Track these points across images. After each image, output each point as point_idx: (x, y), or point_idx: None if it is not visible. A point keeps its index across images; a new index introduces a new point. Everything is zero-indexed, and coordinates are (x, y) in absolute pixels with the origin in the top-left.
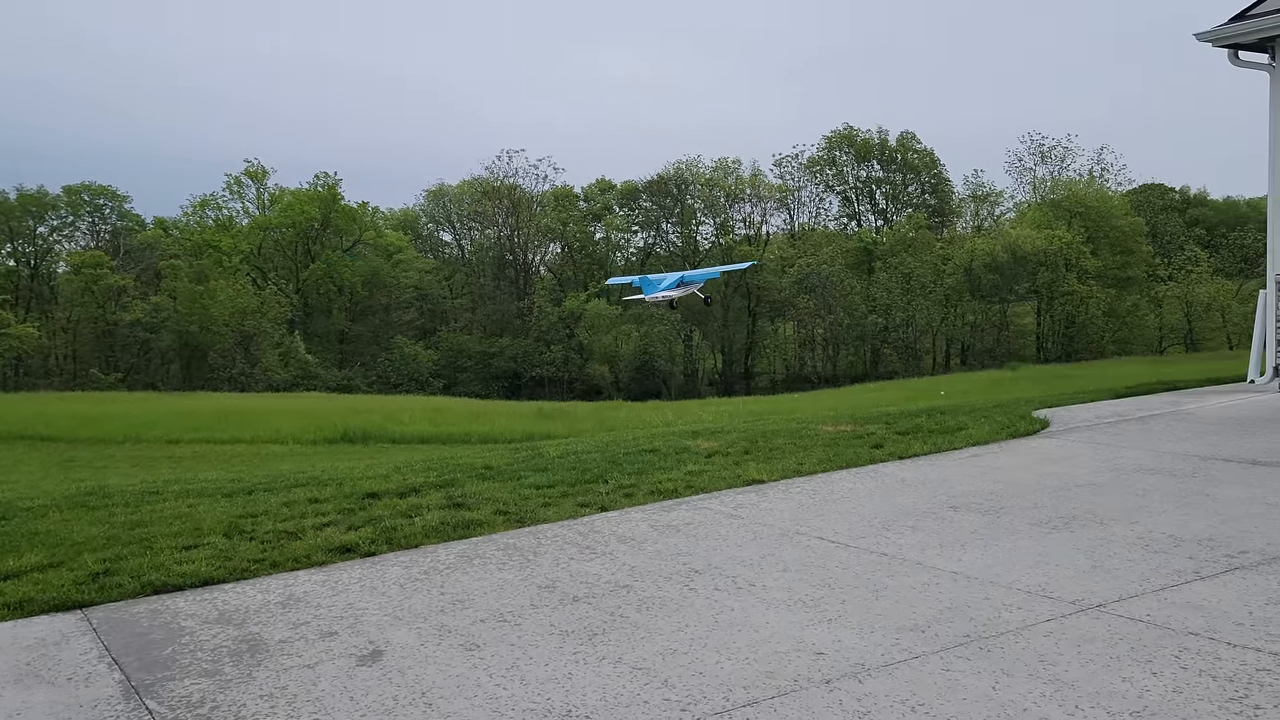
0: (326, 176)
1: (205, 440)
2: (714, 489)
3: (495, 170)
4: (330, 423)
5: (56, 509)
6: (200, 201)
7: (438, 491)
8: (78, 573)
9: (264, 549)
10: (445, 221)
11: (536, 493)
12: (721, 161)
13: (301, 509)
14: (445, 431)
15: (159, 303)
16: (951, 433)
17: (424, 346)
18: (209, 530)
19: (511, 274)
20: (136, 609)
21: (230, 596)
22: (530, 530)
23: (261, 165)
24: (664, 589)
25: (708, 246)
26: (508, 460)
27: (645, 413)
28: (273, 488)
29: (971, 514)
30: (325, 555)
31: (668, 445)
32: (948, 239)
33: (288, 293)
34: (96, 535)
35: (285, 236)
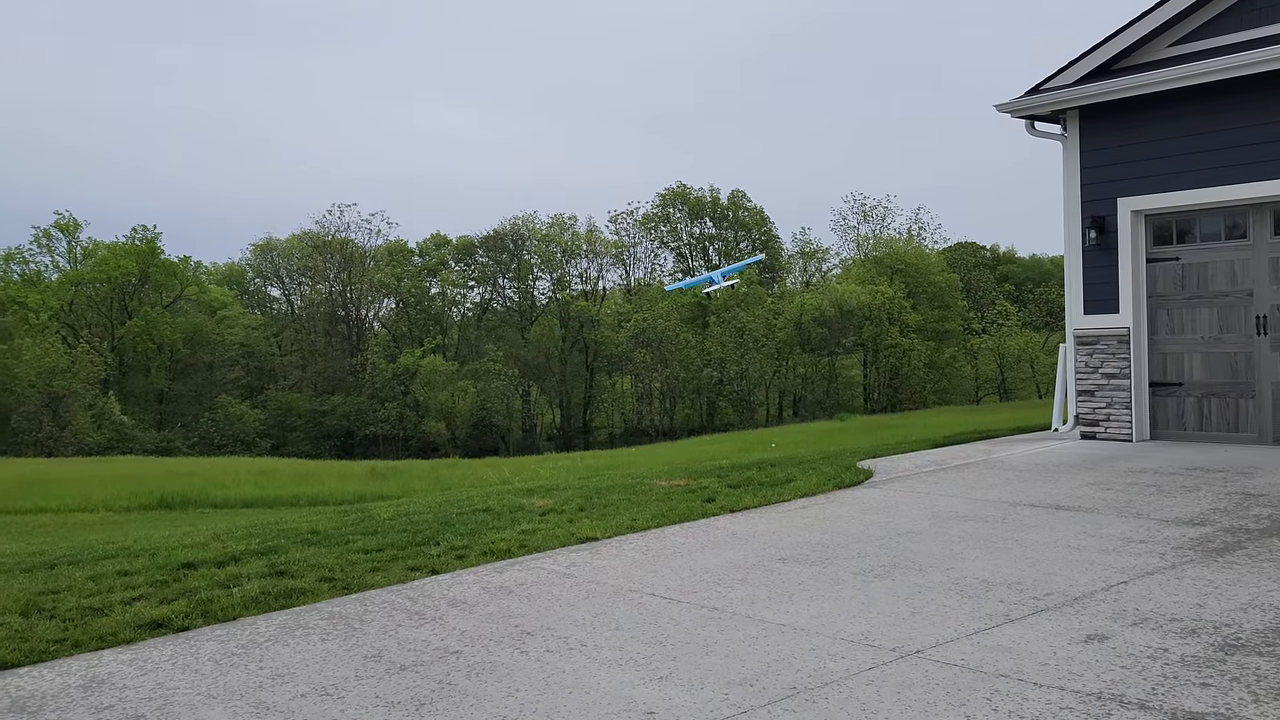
0: (145, 230)
1: (5, 511)
2: (548, 548)
3: (326, 224)
4: (146, 488)
5: None
6: (4, 255)
7: (259, 559)
8: None
9: (66, 628)
10: (274, 277)
11: (365, 557)
12: (558, 218)
13: (109, 583)
14: (272, 495)
15: None
16: (781, 485)
17: (250, 406)
18: (4, 609)
19: (344, 330)
20: None
21: (25, 682)
22: (357, 597)
23: (73, 218)
24: (495, 653)
25: (545, 301)
26: (336, 524)
27: (482, 470)
28: (78, 560)
29: (799, 565)
30: (134, 632)
31: (502, 504)
32: (778, 294)
33: (102, 351)
34: None
35: (99, 292)
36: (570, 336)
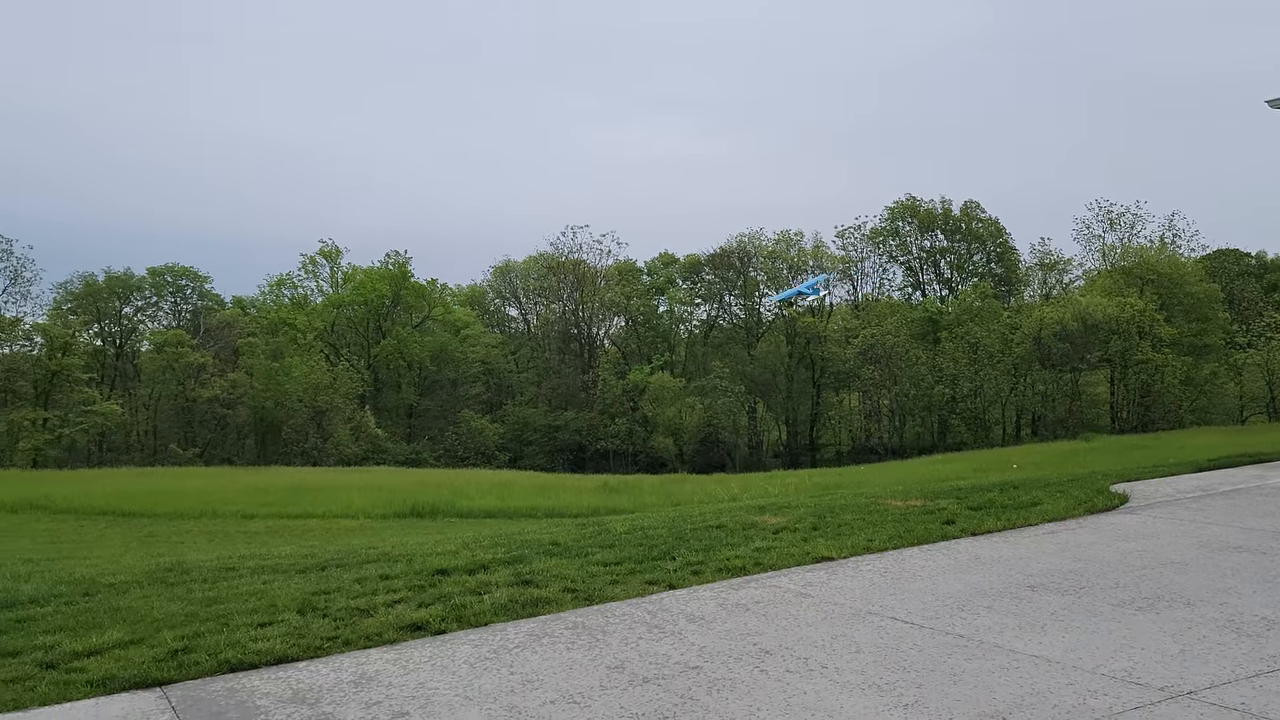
0: (397, 255)
1: (279, 515)
2: (783, 566)
3: (560, 246)
4: (399, 497)
5: (138, 585)
6: (276, 281)
7: (506, 568)
8: (157, 650)
9: (337, 626)
10: (511, 297)
11: (604, 570)
12: (784, 234)
13: (373, 585)
14: (511, 506)
15: (236, 379)
16: (1026, 508)
17: (490, 420)
18: (283, 607)
19: (576, 348)
20: (214, 687)
21: (304, 675)
22: (598, 608)
23: (335, 245)
24: (734, 670)
25: (771, 317)
26: (574, 536)
27: (710, 486)
28: (345, 564)
29: (1050, 594)
30: (396, 633)
31: (734, 521)
32: (1015, 308)
33: (359, 368)
34: (175, 612)
35: (357, 314)
36: (796, 353)
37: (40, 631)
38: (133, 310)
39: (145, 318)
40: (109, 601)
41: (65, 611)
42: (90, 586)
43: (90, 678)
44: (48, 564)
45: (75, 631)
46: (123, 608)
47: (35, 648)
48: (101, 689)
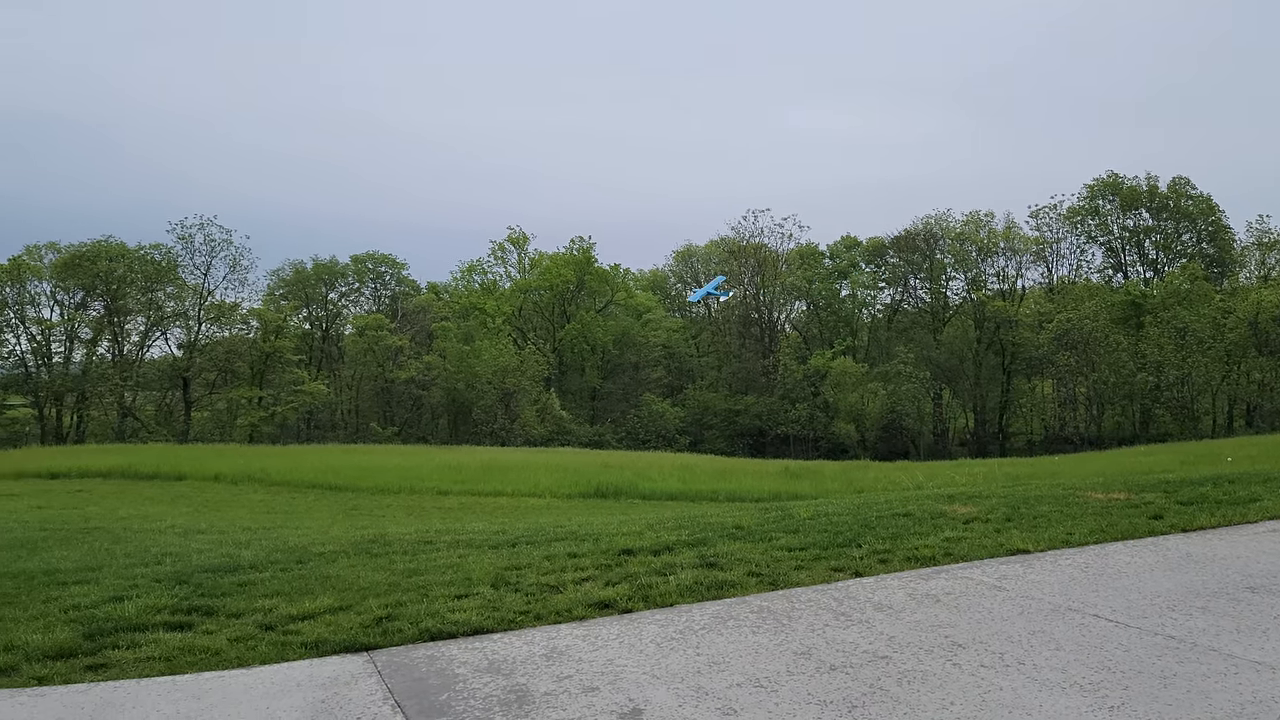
0: (581, 240)
1: (471, 492)
2: (974, 557)
3: (741, 230)
4: (584, 478)
5: (345, 555)
6: (468, 267)
7: (690, 550)
8: (364, 617)
9: (528, 601)
10: (692, 281)
11: (788, 555)
12: (973, 214)
13: (561, 563)
14: (693, 489)
15: (430, 361)
16: (1244, 504)
17: (671, 404)
18: (478, 580)
19: (756, 332)
20: (415, 654)
21: (498, 646)
22: (783, 593)
23: (523, 232)
24: (925, 662)
25: (958, 301)
26: (758, 520)
27: (894, 473)
28: (534, 541)
29: (1273, 596)
30: (585, 610)
31: (922, 509)
32: (1229, 290)
33: (545, 352)
34: (379, 581)
35: (543, 298)
36: (985, 338)
37: (259, 595)
38: (337, 295)
39: (348, 302)
40: (319, 569)
41: (281, 577)
42: (303, 555)
43: (304, 640)
44: (264, 532)
45: (290, 596)
46: (332, 576)
47: (255, 610)
48: (314, 651)
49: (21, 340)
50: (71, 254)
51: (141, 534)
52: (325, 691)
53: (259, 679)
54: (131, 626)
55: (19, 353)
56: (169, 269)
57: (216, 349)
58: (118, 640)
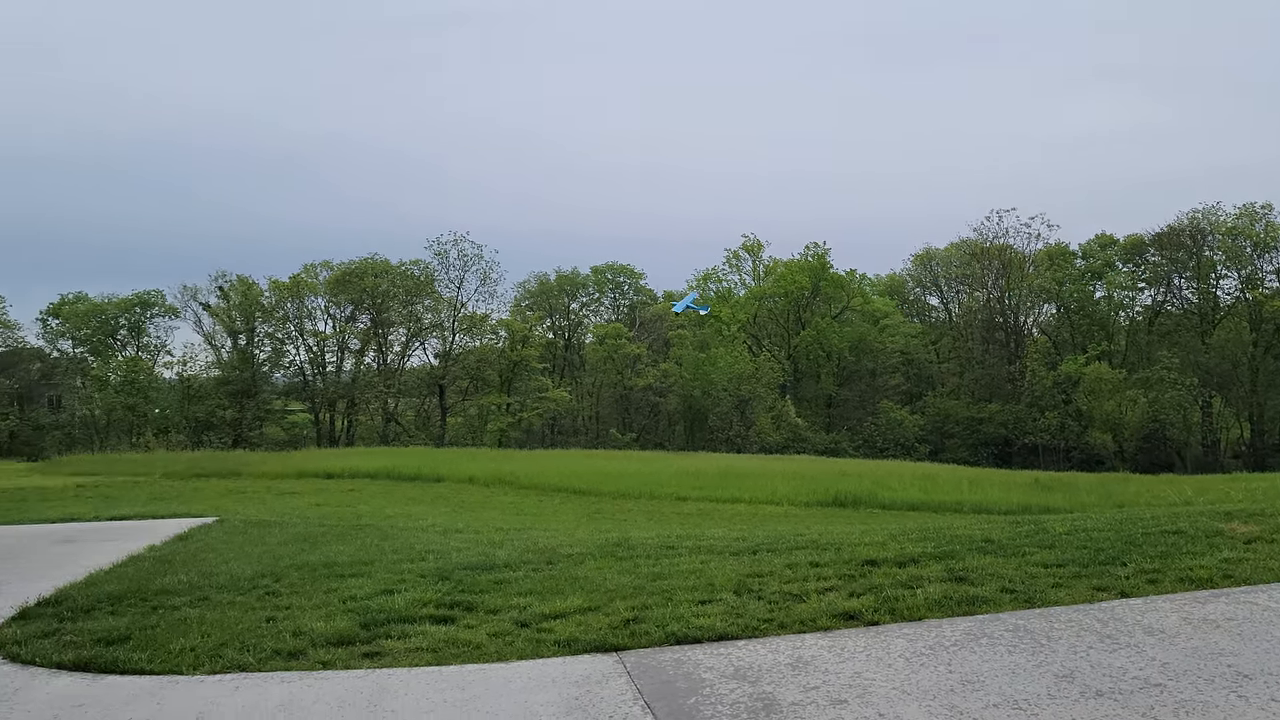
0: (816, 246)
1: (709, 498)
2: (1259, 581)
3: (984, 231)
4: (821, 486)
5: (591, 557)
6: (703, 275)
7: (937, 563)
8: (612, 618)
9: (772, 609)
10: (932, 285)
11: (1044, 571)
12: (1246, 208)
13: (803, 572)
14: (935, 499)
15: (667, 369)
16: None
17: (909, 411)
18: (720, 587)
19: (1001, 337)
20: (662, 657)
21: (743, 653)
22: (1040, 612)
23: (757, 239)
24: (1205, 692)
25: (1230, 302)
26: (1009, 534)
27: (1157, 487)
28: (775, 549)
29: None
30: (829, 620)
31: (1194, 527)
32: None
33: (780, 359)
34: (625, 584)
35: (778, 305)
36: (1263, 341)
37: (514, 593)
38: (579, 305)
39: (589, 312)
40: (568, 570)
41: (533, 577)
42: (552, 556)
43: (557, 638)
44: (515, 533)
45: (542, 595)
46: (580, 577)
47: (511, 607)
48: (567, 649)
49: (300, 351)
50: (342, 271)
51: (406, 532)
52: (578, 689)
53: (517, 673)
54: (401, 618)
55: (298, 363)
56: (427, 283)
57: (469, 358)
58: (389, 631)
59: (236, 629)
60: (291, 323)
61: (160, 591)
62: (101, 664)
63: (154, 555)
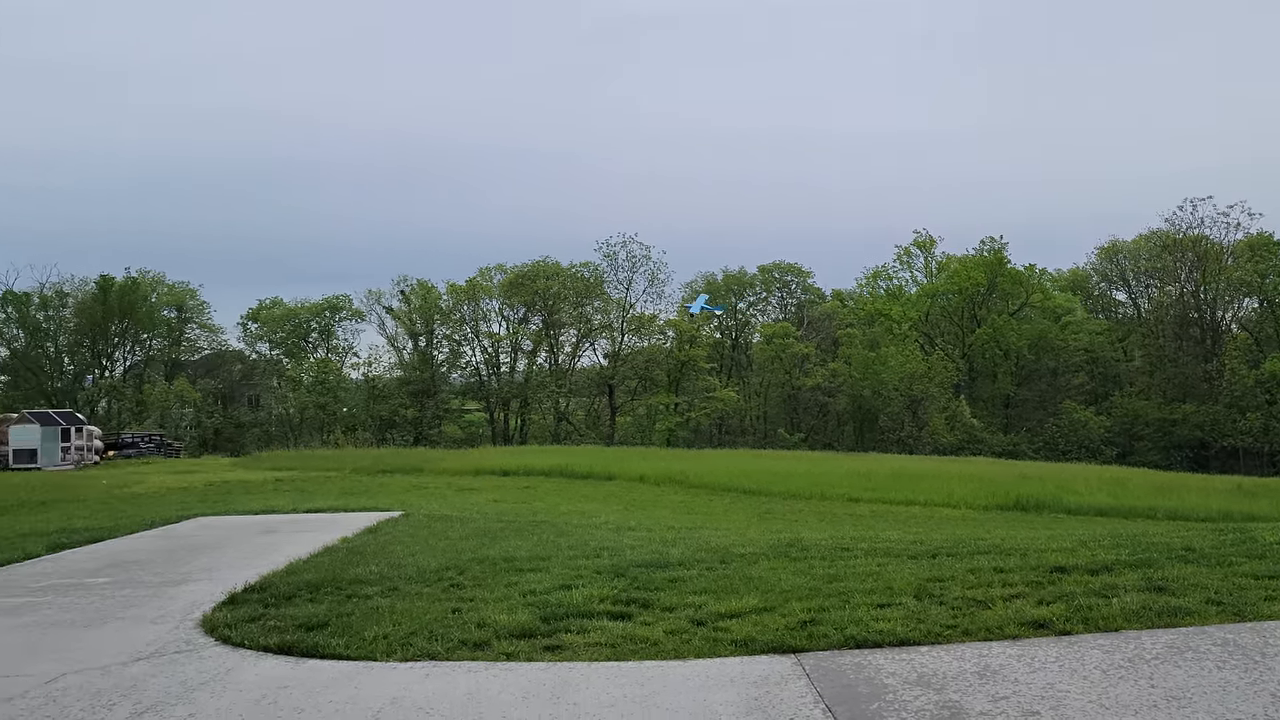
0: (993, 241)
1: (881, 500)
2: None
3: (1176, 222)
4: (1000, 489)
5: (764, 557)
6: (873, 273)
7: (1133, 571)
8: (788, 619)
9: (954, 615)
10: (1119, 280)
11: (1254, 583)
12: None
13: (987, 577)
14: (1126, 504)
15: (836, 369)
16: None
17: (1094, 412)
18: (899, 590)
19: (1196, 333)
20: (842, 660)
21: (926, 659)
22: (1252, 626)
23: (929, 235)
24: None
25: None
26: (1212, 543)
27: None
28: (955, 553)
29: None
30: (1017, 628)
31: None
32: None
33: (954, 357)
34: (800, 585)
35: (951, 303)
36: None
37: (689, 592)
38: (746, 305)
39: (756, 311)
40: (742, 570)
41: (707, 576)
42: (725, 555)
43: (733, 637)
44: (687, 532)
45: (717, 594)
46: (754, 577)
47: (686, 605)
48: (744, 649)
49: (476, 352)
50: (515, 274)
51: (580, 528)
52: (757, 689)
53: (694, 671)
54: (579, 613)
55: (474, 363)
56: (596, 284)
57: (637, 358)
58: (568, 625)
59: (424, 619)
60: (468, 324)
61: (353, 581)
62: (302, 648)
63: (346, 547)
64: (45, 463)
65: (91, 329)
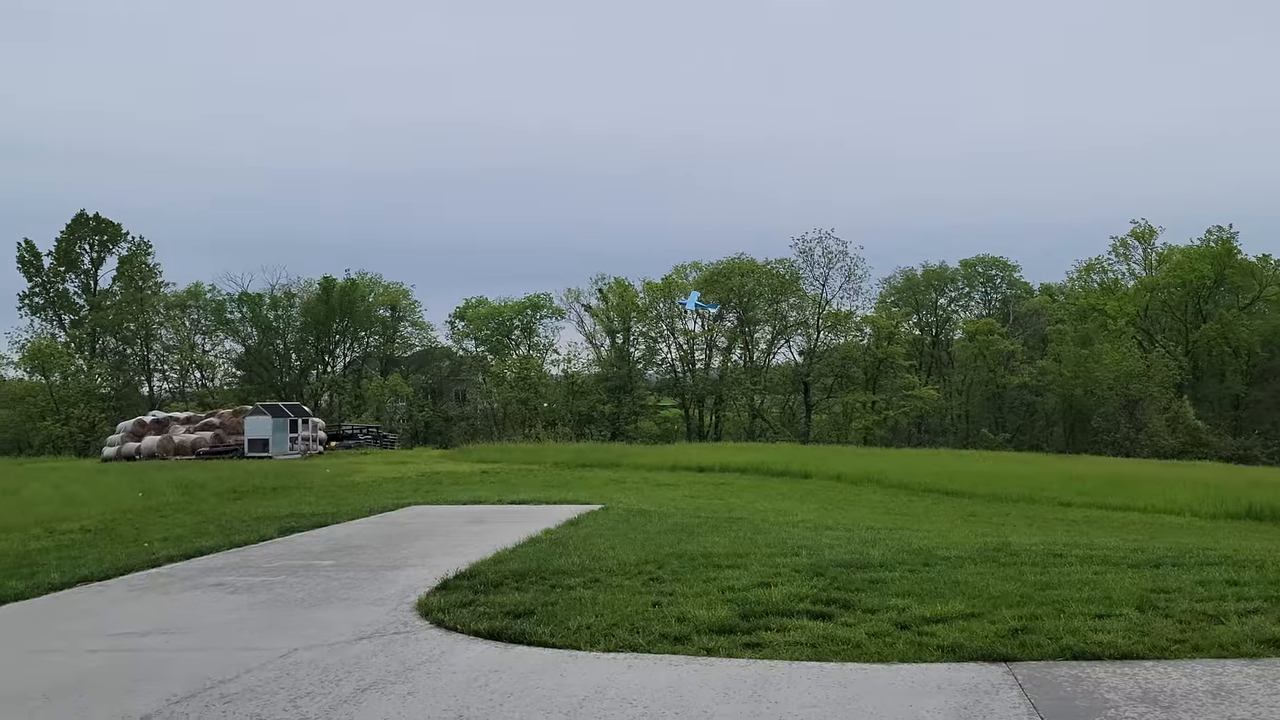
0: (1220, 231)
1: (1095, 505)
2: None
3: None
4: (1230, 495)
5: (970, 561)
6: (1085, 266)
7: None
8: (998, 626)
9: (1182, 629)
10: None
11: None
12: None
13: (1219, 590)
14: None
15: (1044, 366)
16: None
17: None
18: (1119, 600)
19: None
20: (1057, 672)
21: (1151, 675)
22: None
23: (1148, 225)
24: None
25: None
26: None
27: None
28: (1181, 563)
29: None
30: (1255, 647)
31: None
32: None
33: (1176, 355)
34: (1009, 591)
35: (1173, 296)
36: None
37: (891, 594)
38: (947, 301)
39: (958, 307)
40: (946, 574)
41: (909, 578)
42: (927, 557)
43: (939, 643)
44: (887, 532)
45: (920, 597)
46: (959, 581)
47: (889, 608)
48: (951, 655)
49: (672, 349)
50: (710, 271)
51: (777, 526)
52: (966, 698)
53: (899, 676)
54: (778, 611)
55: (670, 360)
56: (792, 281)
57: (833, 355)
58: (768, 623)
59: (625, 611)
60: (663, 322)
61: (557, 571)
62: (510, 635)
63: (549, 538)
64: (275, 451)
65: (315, 327)
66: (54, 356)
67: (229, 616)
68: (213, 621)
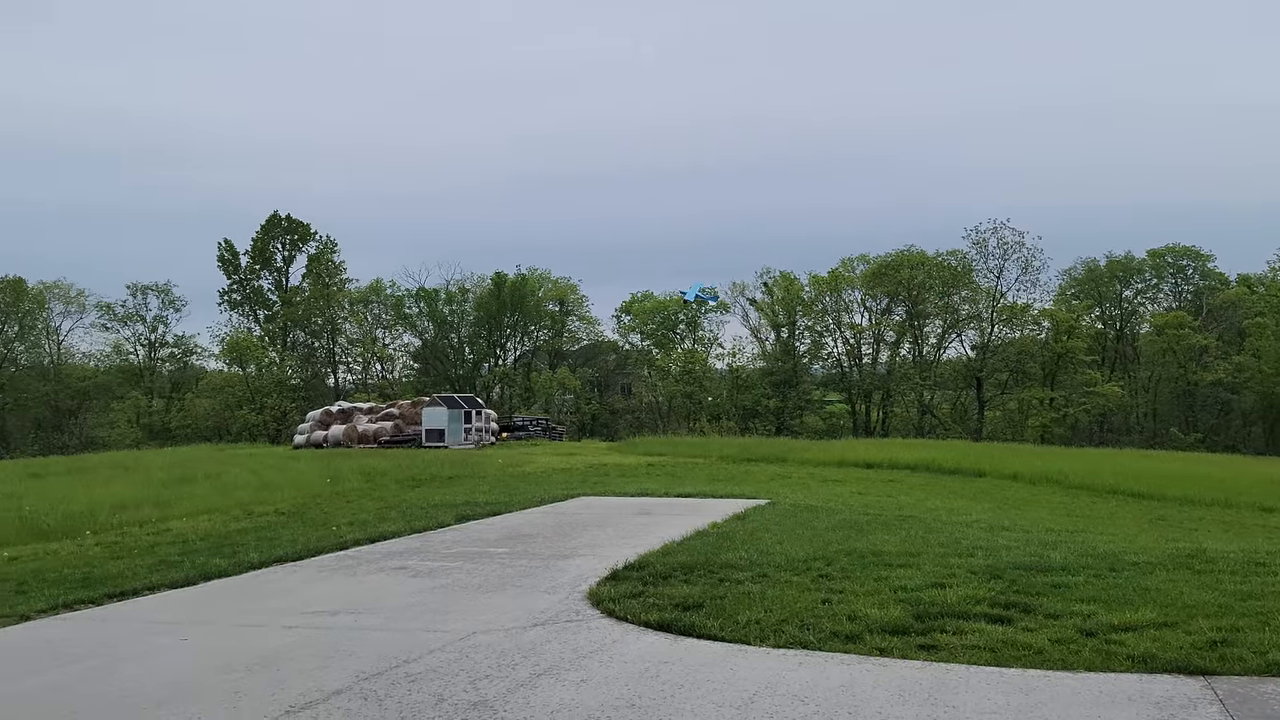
0: None
1: None
2: None
3: None
4: None
5: (1161, 567)
6: None
7: None
8: (1194, 637)
9: None
10: None
11: None
12: None
13: None
14: None
15: (1241, 362)
16: None
17: None
18: None
19: None
20: (1263, 688)
21: None
22: None
23: None
24: None
25: None
26: None
27: None
28: None
29: None
30: None
31: None
32: None
33: None
34: (1206, 600)
35: None
36: None
37: (1075, 599)
38: (1132, 293)
39: (1145, 300)
40: (1135, 580)
41: (1095, 583)
42: (1114, 562)
43: (1129, 652)
44: (1068, 535)
45: (1108, 604)
46: (1150, 588)
47: (1073, 614)
48: (1142, 666)
49: (838, 343)
50: (879, 264)
51: (950, 526)
52: (1160, 711)
53: (1085, 685)
54: (954, 613)
55: (836, 354)
56: (964, 273)
57: (1008, 350)
58: (943, 625)
59: (795, 607)
60: (830, 315)
61: (724, 565)
62: (679, 627)
63: (716, 531)
64: (450, 441)
65: (488, 321)
66: (250, 349)
67: (411, 599)
68: (396, 603)
